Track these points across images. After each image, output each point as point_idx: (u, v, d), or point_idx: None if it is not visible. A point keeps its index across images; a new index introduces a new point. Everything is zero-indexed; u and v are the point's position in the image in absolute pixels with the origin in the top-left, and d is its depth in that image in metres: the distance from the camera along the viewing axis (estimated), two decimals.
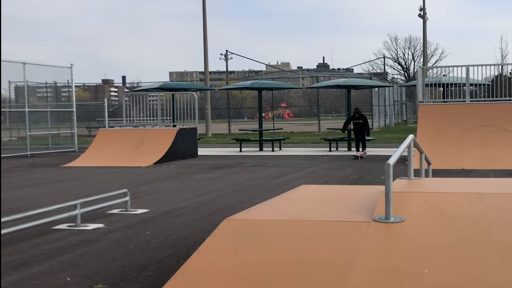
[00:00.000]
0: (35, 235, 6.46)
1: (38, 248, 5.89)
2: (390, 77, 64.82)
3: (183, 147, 17.48)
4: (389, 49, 68.69)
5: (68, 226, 6.97)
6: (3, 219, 6.08)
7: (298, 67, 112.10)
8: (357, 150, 16.92)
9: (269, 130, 24.50)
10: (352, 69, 59.43)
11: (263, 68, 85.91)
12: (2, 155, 20.07)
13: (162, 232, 6.63)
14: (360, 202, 4.84)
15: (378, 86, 33.43)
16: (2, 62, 19.98)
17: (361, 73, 60.98)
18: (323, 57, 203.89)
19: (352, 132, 18.21)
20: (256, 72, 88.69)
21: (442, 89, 20.45)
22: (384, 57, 59.30)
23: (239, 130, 29.90)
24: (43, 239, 6.33)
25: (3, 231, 5.86)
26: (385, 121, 42.94)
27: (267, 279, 3.53)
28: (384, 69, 58.30)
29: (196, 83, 70.98)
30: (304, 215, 4.63)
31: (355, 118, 17.26)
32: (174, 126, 20.13)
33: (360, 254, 3.58)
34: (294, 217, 4.58)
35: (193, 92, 21.60)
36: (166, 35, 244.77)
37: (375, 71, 63.32)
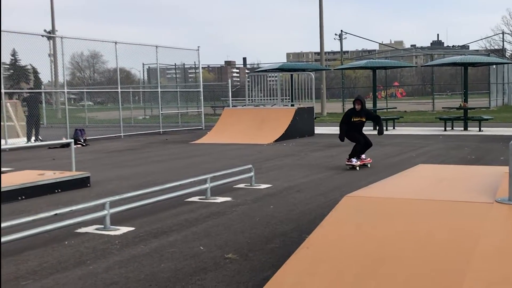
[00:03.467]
0: (171, 206, 6.81)
1: (174, 218, 6.21)
2: (509, 54, 60.95)
3: (301, 126, 17.56)
4: (508, 24, 64.48)
5: (199, 199, 7.27)
6: (145, 190, 6.48)
7: (411, 45, 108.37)
8: (354, 156, 10.11)
9: (382, 109, 23.97)
10: (468, 46, 56.22)
11: (376, 47, 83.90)
12: (139, 132, 21.21)
13: (285, 207, 6.75)
14: (480, 183, 4.67)
15: (497, 63, 31.54)
16: (137, 46, 20.96)
17: (477, 50, 57.73)
18: (437, 35, 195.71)
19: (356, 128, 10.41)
20: (369, 51, 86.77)
21: None
22: (502, 33, 55.78)
23: None
24: (178, 210, 6.66)
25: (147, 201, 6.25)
26: (503, 99, 40.56)
27: (389, 255, 3.52)
28: (503, 46, 54.82)
29: (312, 63, 70.67)
30: (423, 194, 4.54)
31: (355, 113, 10.24)
32: (292, 105, 20.25)
33: (483, 235, 3.47)
34: (414, 195, 4.51)
35: (310, 72, 21.58)
36: (284, 18, 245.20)
37: (493, 48, 59.76)
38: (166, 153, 13.87)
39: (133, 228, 5.71)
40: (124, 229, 5.65)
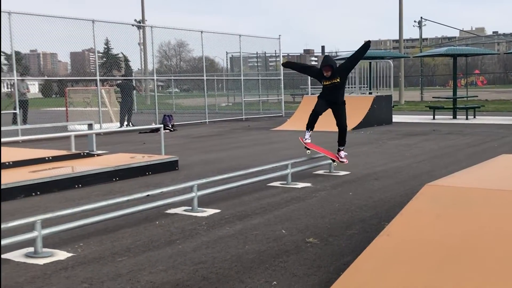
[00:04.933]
0: (254, 190, 6.90)
1: (257, 202, 6.29)
2: None
3: (379, 114, 17.24)
4: None
5: (281, 184, 7.32)
6: (230, 174, 6.60)
7: (493, 32, 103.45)
8: (307, 128, 8.29)
9: (463, 97, 23.11)
10: None
11: (456, 34, 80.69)
12: (223, 118, 21.55)
13: (363, 194, 6.68)
14: None
15: None
16: (221, 35, 21.21)
17: None
18: None
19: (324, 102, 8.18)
20: (449, 38, 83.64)
21: None
22: None
23: (433, 97, 28.67)
24: (260, 194, 6.74)
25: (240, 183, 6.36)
26: None
27: (470, 246, 3.43)
28: None
29: (390, 51, 69.04)
30: (507, 184, 4.37)
31: (325, 77, 7.83)
32: (370, 93, 19.91)
33: None
34: (497, 186, 4.34)
35: (389, 60, 21.11)
36: (362, 5, 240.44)
37: None
38: (248, 139, 14.02)
39: (218, 210, 5.84)
40: (210, 211, 5.79)
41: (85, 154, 9.03)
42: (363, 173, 8.20)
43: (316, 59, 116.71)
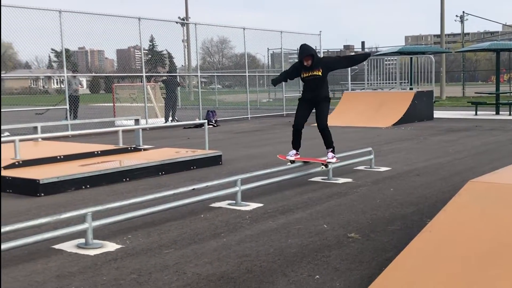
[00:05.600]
0: (296, 185, 6.89)
1: (299, 197, 6.29)
2: None
3: (420, 110, 16.96)
4: None
5: (322, 179, 7.30)
6: (273, 169, 6.62)
7: None
8: (294, 146, 7.34)
9: (506, 93, 22.52)
10: None
11: (499, 28, 78.47)
12: (264, 114, 21.57)
13: (405, 190, 6.60)
14: None
15: None
16: (262, 31, 21.21)
17: None
18: None
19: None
20: (492, 33, 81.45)
21: None
22: None
23: (475, 93, 28.03)
24: (302, 189, 6.73)
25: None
26: None
27: None
28: None
29: (431, 46, 67.71)
30: None
31: (305, 68, 6.95)
32: (411, 89, 19.60)
33: None
34: None
35: (430, 55, 20.72)
36: (403, 0, 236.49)
37: None
38: (289, 134, 13.89)
39: (261, 205, 5.87)
40: (253, 205, 5.83)
41: (132, 148, 9.19)
42: (404, 169, 8.09)
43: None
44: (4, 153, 7.97)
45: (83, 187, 6.94)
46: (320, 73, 6.90)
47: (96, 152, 8.53)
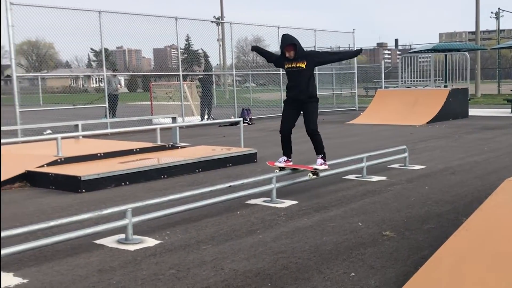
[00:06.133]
0: (330, 183, 6.87)
1: (333, 195, 6.27)
2: None
3: (454, 107, 16.67)
4: None
5: (356, 177, 7.25)
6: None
7: None
8: (284, 152, 6.50)
9: None
10: None
11: None
12: None
13: (440, 188, 6.51)
14: None
15: None
16: (297, 30, 21.14)
17: None
18: None
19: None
20: None
21: None
22: None
23: (511, 90, 27.39)
24: (336, 187, 6.70)
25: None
26: None
27: None
28: None
29: (466, 43, 66.44)
30: None
31: (288, 59, 6.21)
32: (445, 86, 19.28)
33: None
34: None
35: (465, 52, 20.34)
36: None
37: None
38: (323, 132, 13.54)
39: (296, 202, 5.87)
40: (288, 202, 5.83)
41: (170, 146, 9.30)
42: (439, 167, 7.98)
43: (389, 52, 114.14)
44: (47, 150, 8.17)
45: (123, 183, 7.06)
46: (303, 66, 6.13)
47: (135, 150, 8.66)
